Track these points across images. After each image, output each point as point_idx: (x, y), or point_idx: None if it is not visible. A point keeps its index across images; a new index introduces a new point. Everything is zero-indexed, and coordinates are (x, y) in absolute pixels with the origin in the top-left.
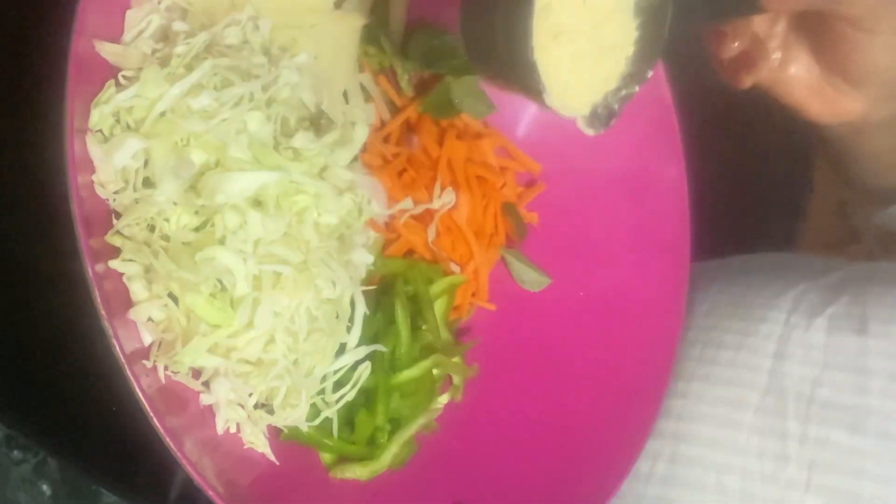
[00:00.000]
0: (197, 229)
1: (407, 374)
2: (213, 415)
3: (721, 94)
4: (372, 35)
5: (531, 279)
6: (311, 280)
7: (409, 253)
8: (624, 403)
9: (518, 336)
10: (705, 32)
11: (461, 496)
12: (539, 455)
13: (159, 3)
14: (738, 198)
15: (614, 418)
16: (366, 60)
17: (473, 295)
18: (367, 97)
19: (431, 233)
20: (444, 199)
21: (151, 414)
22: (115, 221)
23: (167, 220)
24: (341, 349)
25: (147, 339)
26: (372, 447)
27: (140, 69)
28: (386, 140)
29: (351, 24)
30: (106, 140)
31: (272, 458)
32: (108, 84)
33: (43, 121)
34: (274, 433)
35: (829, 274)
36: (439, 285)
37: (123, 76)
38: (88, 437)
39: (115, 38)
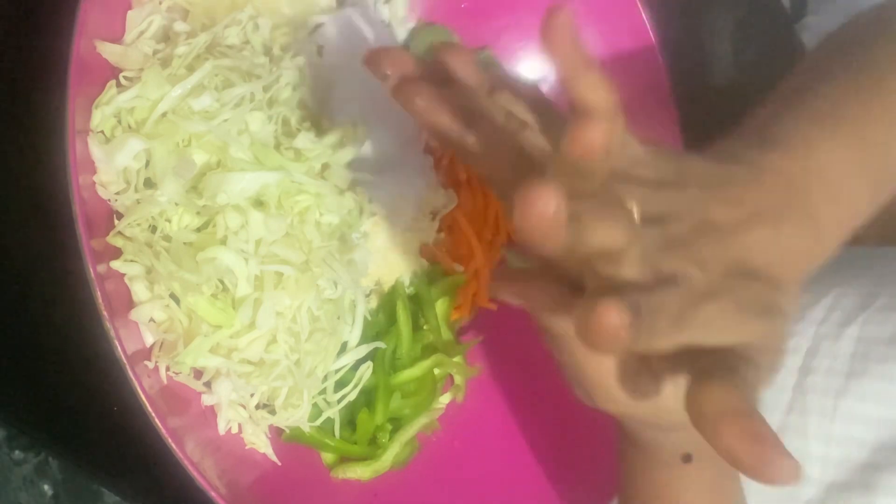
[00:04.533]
0: (198, 230)
1: (408, 374)
2: (215, 415)
3: (721, 94)
4: None
5: None
6: (312, 280)
7: None
8: None
9: (520, 335)
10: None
11: (463, 496)
12: (541, 455)
13: (160, 3)
14: None
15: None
16: None
17: (475, 295)
18: None
19: (433, 233)
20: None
21: (153, 414)
22: (116, 222)
23: (169, 220)
24: (343, 348)
25: (149, 339)
26: (373, 447)
27: (141, 70)
28: None
29: None
30: (107, 141)
31: (274, 458)
32: (109, 85)
33: (44, 122)
34: (275, 433)
35: (870, 271)
36: (441, 285)
37: (125, 77)
38: (90, 437)
39: (117, 38)
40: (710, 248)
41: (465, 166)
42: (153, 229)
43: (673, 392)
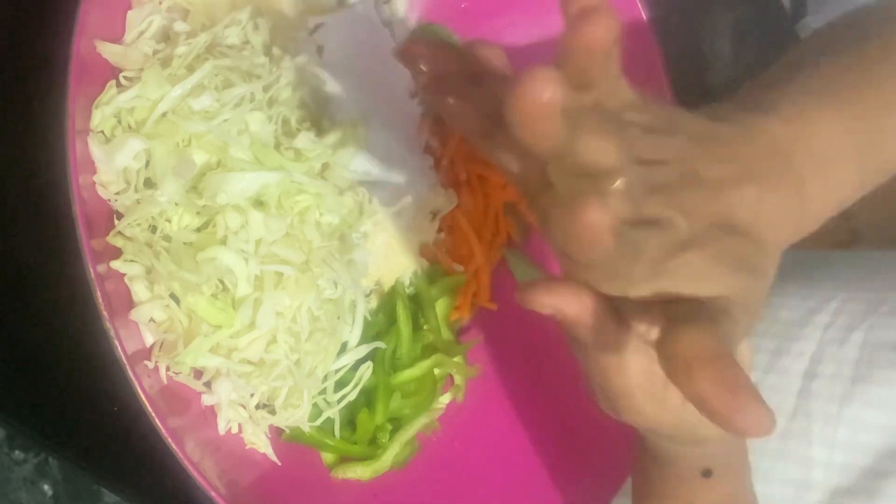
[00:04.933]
0: (198, 230)
1: (408, 374)
2: (215, 415)
3: (721, 94)
4: None
5: (533, 279)
6: (312, 280)
7: None
8: None
9: (520, 335)
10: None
11: (463, 496)
12: (541, 455)
13: (160, 3)
14: None
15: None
16: None
17: (475, 295)
18: None
19: (433, 233)
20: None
21: (153, 414)
22: (116, 222)
23: (169, 220)
24: (343, 348)
25: (149, 339)
26: (373, 447)
27: (141, 70)
28: None
29: None
30: (107, 141)
31: (274, 458)
32: (109, 85)
33: (44, 122)
34: (275, 433)
35: (877, 276)
36: (441, 285)
37: (125, 77)
38: (90, 437)
39: (117, 38)
40: (696, 198)
41: (465, 166)
42: (153, 229)
43: (693, 408)
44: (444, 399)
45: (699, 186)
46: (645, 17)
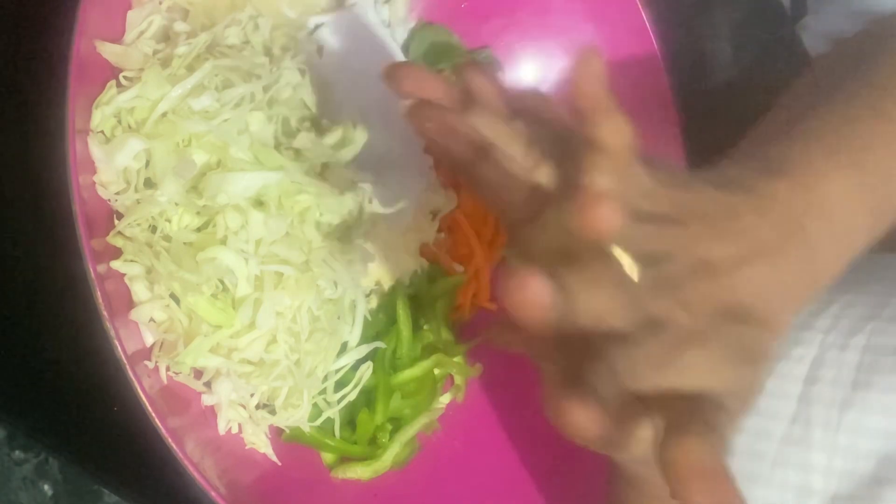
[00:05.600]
0: (199, 230)
1: (408, 374)
2: (215, 415)
3: (721, 94)
4: None
5: None
6: (312, 280)
7: None
8: None
9: None
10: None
11: (463, 496)
12: (541, 455)
13: (160, 3)
14: None
15: None
16: None
17: (475, 295)
18: None
19: (433, 233)
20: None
21: (153, 414)
22: (116, 222)
23: (169, 220)
24: (343, 348)
25: (149, 339)
26: (373, 447)
27: (141, 70)
28: None
29: None
30: (107, 141)
31: (274, 458)
32: (109, 85)
33: (44, 122)
34: (275, 433)
35: (879, 280)
36: (441, 285)
37: (125, 77)
38: (90, 437)
39: (117, 38)
40: (702, 289)
41: None
42: (153, 229)
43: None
44: (444, 399)
45: (706, 276)
46: (645, 18)
